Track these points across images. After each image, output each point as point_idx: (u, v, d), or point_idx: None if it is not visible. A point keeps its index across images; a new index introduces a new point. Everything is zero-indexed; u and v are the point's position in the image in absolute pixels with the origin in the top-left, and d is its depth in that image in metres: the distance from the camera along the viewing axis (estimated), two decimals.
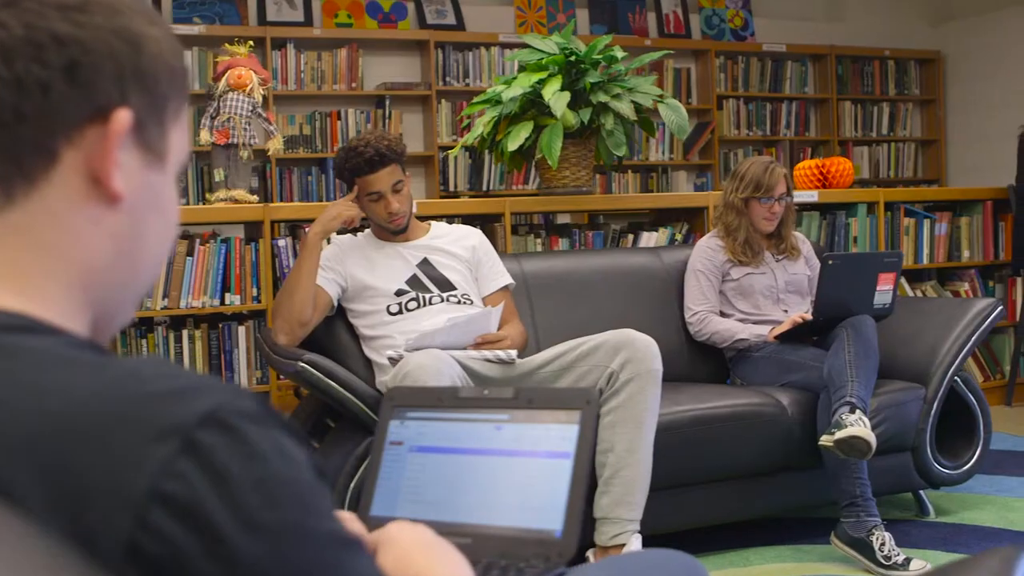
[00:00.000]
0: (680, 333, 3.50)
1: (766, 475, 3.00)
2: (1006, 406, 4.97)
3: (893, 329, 3.41)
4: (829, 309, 3.13)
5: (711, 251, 3.50)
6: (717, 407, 2.93)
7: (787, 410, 2.99)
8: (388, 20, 5.92)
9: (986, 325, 3.25)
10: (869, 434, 2.70)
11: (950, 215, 4.89)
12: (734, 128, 6.44)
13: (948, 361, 3.19)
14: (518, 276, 3.41)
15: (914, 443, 3.17)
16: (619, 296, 3.50)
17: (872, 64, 6.79)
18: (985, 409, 3.28)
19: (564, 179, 4.27)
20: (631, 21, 6.30)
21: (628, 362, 2.70)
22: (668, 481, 2.85)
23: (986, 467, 3.82)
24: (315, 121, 5.69)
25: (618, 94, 4.11)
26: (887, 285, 3.16)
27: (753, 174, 3.46)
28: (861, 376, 2.90)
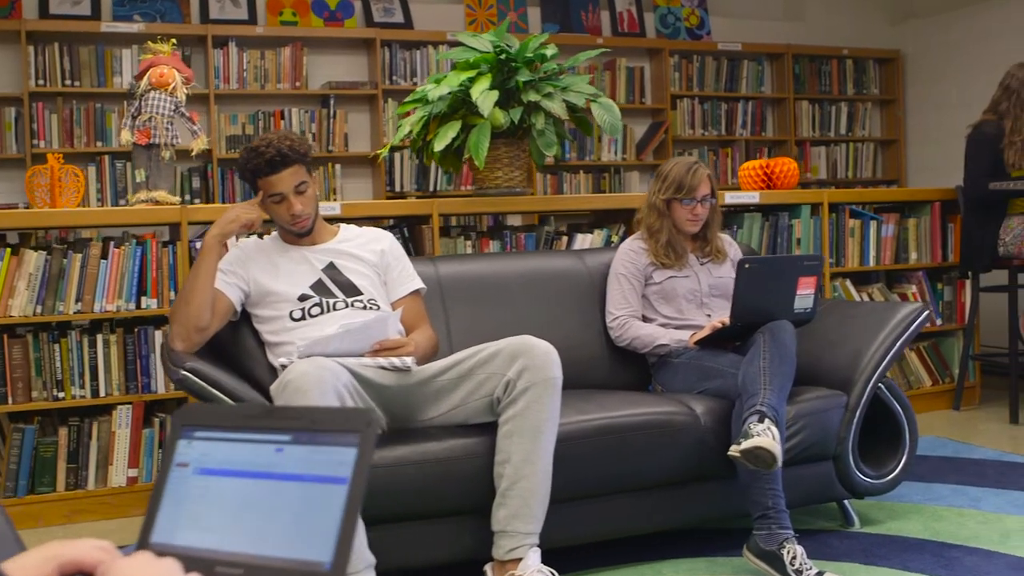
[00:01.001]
0: (601, 338, 3.41)
1: (679, 485, 2.90)
2: (954, 410, 4.89)
3: (820, 334, 3.32)
4: (747, 314, 3.04)
5: (633, 254, 3.41)
6: (624, 416, 2.83)
7: (700, 419, 2.90)
8: (334, 18, 5.81)
9: (911, 330, 3.16)
10: (774, 445, 2.61)
11: (897, 216, 4.81)
12: (688, 128, 6.35)
13: (871, 367, 3.10)
14: (432, 280, 3.32)
15: (836, 452, 3.07)
16: (538, 300, 3.40)
17: (830, 63, 6.70)
18: (911, 417, 3.19)
19: (497, 180, 4.18)
20: (584, 19, 6.20)
21: (525, 370, 2.61)
22: (574, 492, 2.76)
23: (923, 474, 3.75)
24: (258, 121, 5.58)
25: (550, 93, 4.02)
26: (808, 289, 3.07)
27: (675, 175, 3.37)
28: (774, 384, 2.80)
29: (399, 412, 2.77)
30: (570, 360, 3.31)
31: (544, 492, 2.59)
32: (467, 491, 2.64)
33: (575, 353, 3.35)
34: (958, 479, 3.70)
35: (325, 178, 5.68)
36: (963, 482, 3.66)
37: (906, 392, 4.75)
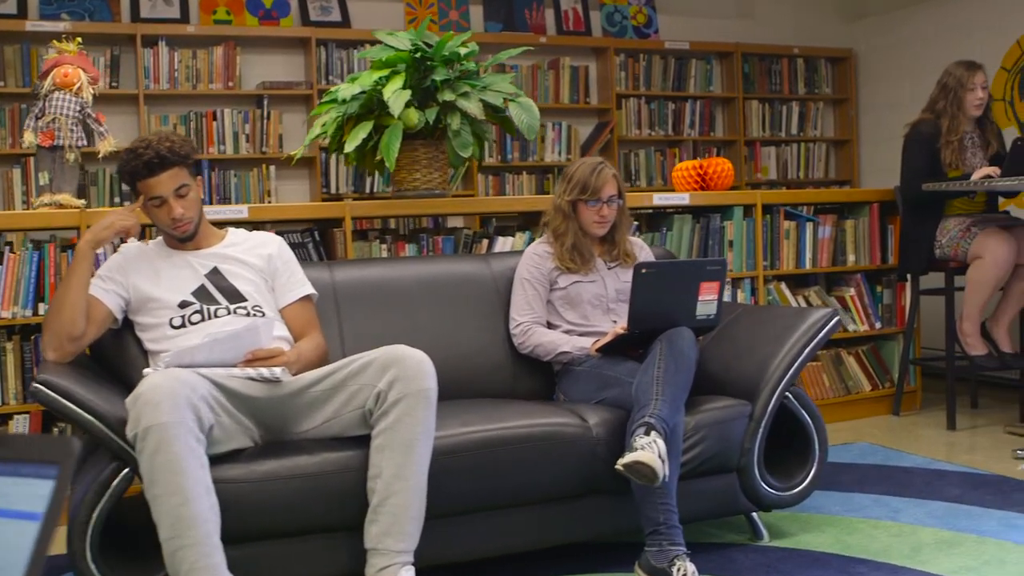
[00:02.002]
0: (505, 345, 3.30)
1: (570, 499, 2.78)
2: (893, 416, 4.78)
3: (730, 341, 3.22)
4: (645, 321, 2.93)
5: (538, 258, 3.30)
6: (509, 428, 2.71)
7: (593, 430, 2.78)
8: (270, 17, 5.69)
9: (820, 337, 3.05)
10: (654, 459, 2.49)
11: (835, 218, 4.70)
12: (635, 128, 6.23)
13: (777, 376, 2.98)
14: (328, 285, 3.20)
15: (740, 463, 2.96)
16: (438, 307, 3.29)
17: (781, 62, 6.59)
18: (820, 427, 3.08)
19: (415, 181, 4.06)
20: (528, 18, 6.08)
21: (397, 381, 2.49)
22: (455, 508, 2.65)
23: (847, 484, 3.64)
24: (190, 122, 5.45)
25: (466, 92, 3.90)
26: (710, 295, 2.95)
27: (580, 176, 3.26)
28: (667, 394, 2.69)
29: (273, 424, 2.65)
30: (471, 368, 3.24)
31: (417, 508, 2.48)
32: (340, 507, 2.53)
33: (476, 361, 3.25)
34: (882, 489, 3.59)
35: (259, 180, 5.56)
36: (887, 492, 3.55)
37: (844, 397, 4.68)
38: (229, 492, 2.42)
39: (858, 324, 4.72)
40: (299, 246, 3.82)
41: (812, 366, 4.65)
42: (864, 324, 4.73)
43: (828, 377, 4.69)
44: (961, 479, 3.69)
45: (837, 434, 4.46)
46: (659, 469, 2.49)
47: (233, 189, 5.52)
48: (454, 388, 3.16)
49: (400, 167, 4.06)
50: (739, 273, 4.44)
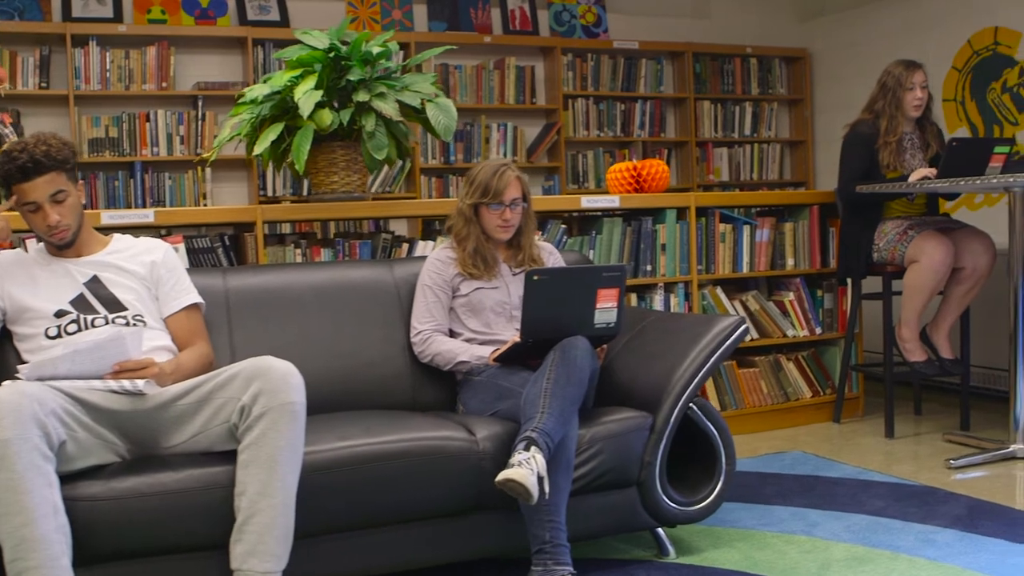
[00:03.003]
0: (406, 354, 3.18)
1: (455, 516, 2.67)
2: (834, 423, 4.67)
3: (639, 350, 3.11)
4: (539, 330, 2.81)
5: (440, 264, 3.19)
6: (389, 442, 2.59)
7: (479, 444, 2.66)
8: (206, 16, 5.57)
9: (726, 346, 2.93)
10: (526, 477, 2.38)
11: (773, 220, 4.59)
12: (583, 129, 6.12)
13: (681, 386, 2.87)
14: (220, 293, 3.09)
15: (640, 478, 2.84)
16: (337, 314, 3.17)
17: (733, 62, 6.48)
18: (727, 439, 2.96)
19: (333, 184, 3.95)
20: (473, 17, 5.97)
21: (261, 394, 2.38)
22: (331, 526, 2.54)
23: (769, 496, 3.54)
24: (122, 123, 5.33)
25: (382, 93, 3.78)
26: (609, 303, 2.84)
27: (482, 178, 3.15)
28: (554, 407, 2.58)
29: (141, 439, 2.53)
30: (369, 379, 3.13)
31: (284, 526, 2.36)
32: (206, 525, 2.41)
33: (375, 371, 3.14)
34: (805, 501, 3.48)
35: (194, 182, 5.44)
36: (809, 504, 3.44)
37: (783, 404, 4.57)
38: (86, 511, 2.31)
39: (798, 329, 4.61)
40: (208, 251, 3.70)
41: (749, 372, 4.54)
42: (804, 329, 4.62)
43: (766, 384, 4.57)
44: (888, 490, 3.58)
45: (772, 442, 4.35)
46: (532, 488, 2.38)
47: (167, 192, 5.40)
48: (351, 399, 3.07)
49: (318, 169, 3.96)
50: (672, 278, 4.33)
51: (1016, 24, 5.34)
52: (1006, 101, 5.42)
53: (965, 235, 4.32)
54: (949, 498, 3.47)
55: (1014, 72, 5.37)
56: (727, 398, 4.48)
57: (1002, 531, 3.09)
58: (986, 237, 4.31)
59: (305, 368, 3.02)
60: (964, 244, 4.27)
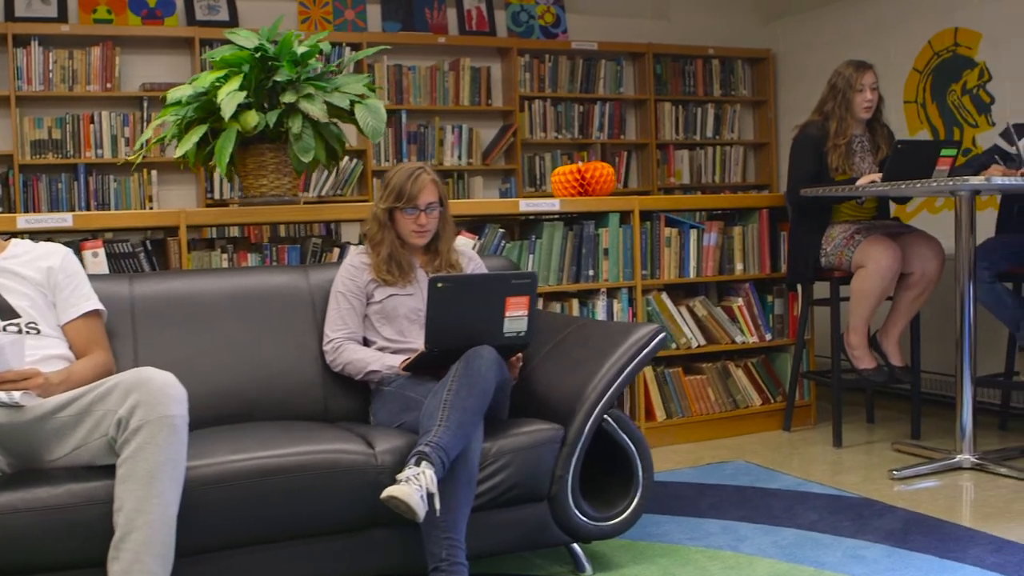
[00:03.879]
0: (318, 363, 3.08)
1: (355, 531, 2.56)
2: (784, 431, 4.57)
3: (559, 359, 3.01)
4: (444, 339, 2.72)
5: (354, 269, 3.09)
6: (284, 455, 2.48)
7: (377, 457, 2.56)
8: (153, 16, 5.47)
9: (643, 355, 2.83)
10: (409, 494, 2.28)
11: (721, 224, 4.49)
12: (540, 131, 6.02)
13: (594, 398, 2.77)
14: (125, 300, 2.99)
15: (551, 492, 2.74)
16: (248, 322, 3.07)
17: (695, 63, 6.38)
18: (644, 452, 2.86)
19: (262, 188, 3.85)
20: (428, 18, 5.87)
21: (138, 407, 2.27)
22: (224, 541, 2.44)
23: (703, 508, 3.45)
24: (66, 125, 5.23)
25: (310, 94, 3.68)
26: (519, 311, 2.74)
27: (396, 182, 3.06)
28: (452, 419, 2.48)
29: (21, 452, 2.43)
30: (279, 388, 3.03)
31: (162, 544, 2.26)
32: (85, 542, 2.30)
33: (285, 380, 3.05)
34: (738, 514, 3.38)
35: (140, 185, 5.34)
36: (742, 517, 3.34)
37: (732, 412, 4.48)
38: None
39: (747, 336, 4.51)
40: (129, 256, 3.60)
41: (696, 380, 4.45)
42: (753, 336, 4.52)
43: (714, 391, 4.48)
44: (825, 503, 3.48)
45: (718, 451, 4.25)
46: (415, 506, 2.28)
47: (112, 195, 5.30)
48: (259, 410, 2.98)
49: (247, 172, 3.87)
50: (616, 283, 4.23)
51: (976, 24, 5.25)
52: (966, 103, 5.33)
53: (914, 240, 4.22)
54: (886, 511, 3.37)
55: (974, 73, 5.28)
56: (673, 406, 4.38)
57: (933, 547, 2.99)
58: (935, 242, 4.22)
59: (212, 378, 2.97)
60: (913, 249, 4.18)
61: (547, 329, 3.23)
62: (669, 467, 4.02)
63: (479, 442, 2.58)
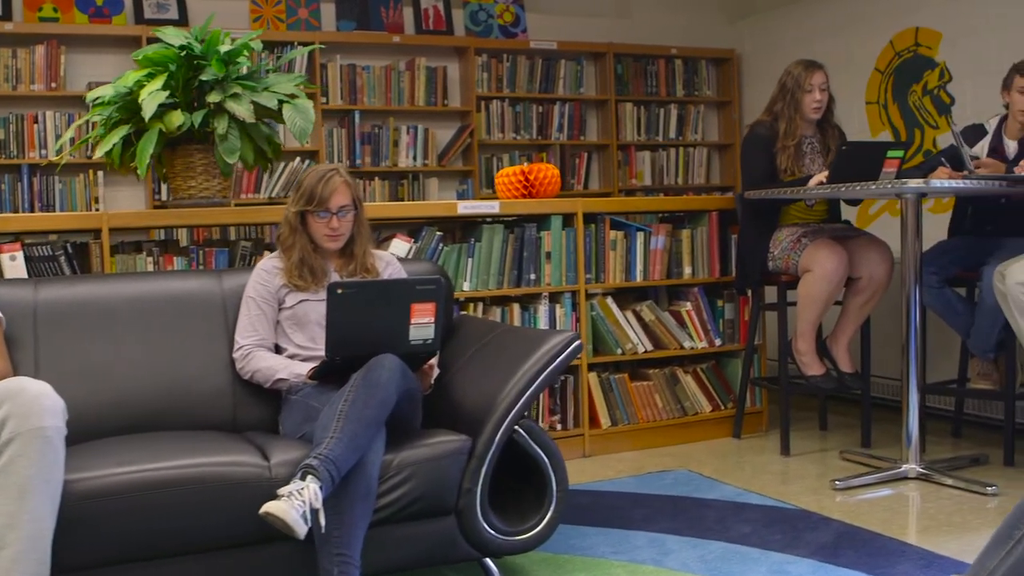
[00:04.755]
0: (229, 371, 2.99)
1: (248, 547, 2.46)
2: (734, 439, 4.48)
3: (474, 367, 2.92)
4: (347, 347, 2.62)
5: (266, 274, 3.00)
6: (172, 468, 2.39)
7: (272, 470, 2.46)
8: (101, 15, 5.37)
9: (556, 364, 2.73)
10: (286, 511, 2.19)
11: (669, 227, 4.39)
12: (498, 131, 5.92)
13: (504, 408, 2.67)
14: (27, 306, 2.89)
15: (459, 506, 2.65)
16: (157, 328, 2.97)
17: (657, 63, 6.28)
18: (557, 464, 2.76)
19: (190, 190, 3.76)
20: (384, 16, 5.77)
21: (9, 418, 2.18)
22: (110, 557, 2.34)
23: (635, 520, 3.36)
24: (9, 125, 5.13)
25: (236, 94, 3.59)
26: (425, 317, 2.65)
27: (307, 185, 2.96)
28: (346, 431, 2.38)
29: None
30: (187, 397, 2.94)
31: (36, 561, 2.16)
32: None
33: (193, 388, 2.95)
34: (670, 526, 3.28)
35: (86, 186, 5.24)
36: (673, 529, 3.24)
37: (680, 419, 4.39)
38: None
39: (695, 341, 4.42)
40: (49, 260, 3.51)
41: (643, 386, 4.35)
42: (703, 341, 4.43)
43: (661, 398, 4.38)
44: (760, 514, 3.38)
45: (663, 460, 4.16)
46: (293, 523, 2.18)
47: (58, 196, 5.20)
48: (166, 419, 2.88)
49: (175, 174, 3.78)
50: (559, 287, 4.13)
51: (937, 24, 5.16)
52: (927, 104, 5.23)
53: (862, 244, 4.13)
54: (820, 524, 3.28)
55: (934, 74, 5.18)
56: (618, 413, 4.29)
57: (862, 562, 2.90)
58: (884, 246, 4.12)
59: (117, 386, 2.88)
60: (861, 253, 4.09)
61: (469, 336, 3.15)
62: (610, 476, 3.93)
63: (378, 454, 2.48)
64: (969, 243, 4.09)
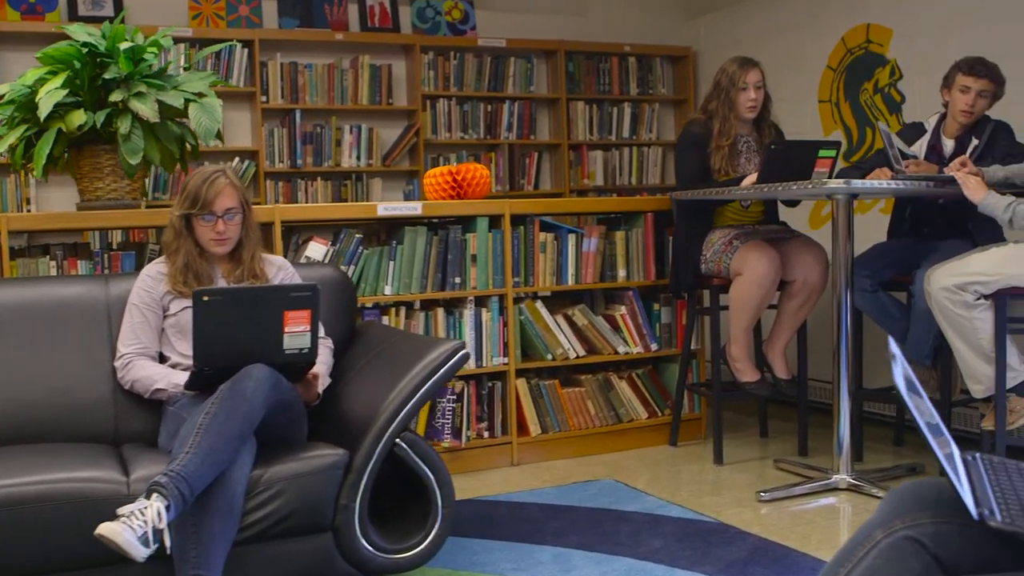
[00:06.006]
0: (111, 381, 2.89)
1: (104, 567, 2.35)
2: (671, 446, 4.36)
3: (362, 379, 2.81)
4: (216, 356, 2.51)
5: (151, 280, 2.88)
6: (23, 484, 2.29)
7: (130, 487, 2.35)
8: (34, 11, 5.25)
9: (440, 374, 2.64)
10: (118, 532, 2.07)
11: (603, 229, 4.27)
12: (445, 131, 5.80)
13: (384, 420, 2.56)
14: None
15: (335, 522, 2.53)
16: (34, 335, 2.85)
17: (610, 61, 6.15)
18: (442, 479, 2.65)
19: (98, 191, 3.65)
20: (328, 14, 5.65)
21: None
22: None
23: (546, 532, 3.23)
24: None
25: (141, 92, 3.47)
26: (300, 325, 2.53)
27: (191, 187, 2.85)
28: (203, 445, 2.27)
29: None
30: (65, 407, 2.84)
31: None
32: None
33: (72, 398, 2.85)
34: (579, 540, 3.16)
35: (16, 187, 5.13)
36: (582, 544, 3.12)
37: (614, 426, 4.27)
38: None
39: (630, 346, 4.29)
40: None
41: (574, 392, 4.23)
42: (638, 346, 4.31)
43: (594, 404, 4.26)
44: (676, 528, 3.26)
45: (592, 468, 4.04)
46: (126, 546, 2.07)
47: None
48: (46, 429, 2.79)
49: (83, 175, 3.67)
50: (485, 291, 4.02)
51: (888, 20, 5.04)
52: (878, 102, 5.11)
53: (796, 246, 4.01)
54: (736, 538, 3.15)
55: (885, 71, 5.06)
56: (549, 420, 4.17)
57: None
58: (818, 248, 4.01)
59: None
60: (795, 256, 3.97)
61: (367, 344, 3.04)
62: (534, 486, 3.81)
63: (244, 469, 2.37)
64: (906, 246, 3.97)
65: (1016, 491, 1.45)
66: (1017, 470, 1.56)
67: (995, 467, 1.56)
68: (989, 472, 1.52)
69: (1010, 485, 1.47)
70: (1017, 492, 1.45)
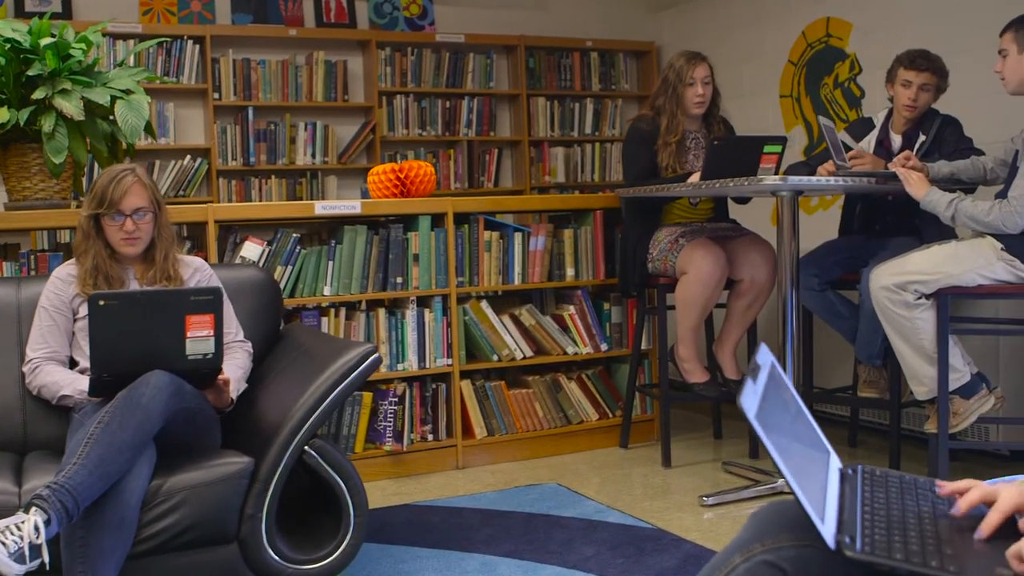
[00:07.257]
0: (20, 386, 2.79)
1: None
2: (621, 448, 4.28)
3: (281, 382, 2.72)
4: (114, 363, 2.42)
5: (61, 283, 2.79)
6: None
7: (22, 498, 2.27)
8: None
9: (350, 380, 2.55)
10: None
11: (550, 228, 4.19)
12: (402, 128, 5.72)
13: (291, 427, 2.48)
14: None
15: (240, 533, 2.45)
16: None
17: (571, 56, 6.07)
18: (354, 487, 2.56)
19: (25, 191, 3.56)
20: (283, 9, 5.57)
21: None
22: None
23: (478, 540, 3.15)
24: None
25: (65, 90, 3.38)
26: (203, 330, 2.45)
27: (98, 187, 2.76)
28: (92, 456, 2.18)
29: None
30: None
31: None
32: None
33: None
34: (511, 547, 3.08)
35: None
36: (512, 552, 3.04)
37: (563, 428, 4.20)
38: None
39: (579, 346, 4.21)
40: None
41: (521, 393, 4.15)
42: (587, 346, 4.23)
43: (542, 406, 4.18)
44: (611, 535, 3.18)
45: (538, 472, 3.96)
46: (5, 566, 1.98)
47: None
48: None
49: (10, 174, 3.58)
50: (427, 291, 3.93)
51: (847, 14, 4.96)
52: (838, 97, 5.03)
53: (744, 245, 3.93)
54: (672, 545, 3.08)
55: (845, 66, 4.98)
56: (495, 422, 4.09)
57: None
58: (766, 246, 3.93)
59: None
60: (742, 254, 3.89)
61: (287, 348, 2.96)
62: (476, 490, 3.73)
63: (139, 480, 2.28)
64: (856, 243, 3.89)
65: (889, 509, 1.37)
66: (899, 484, 1.47)
67: (874, 481, 1.47)
68: (866, 488, 1.44)
69: (884, 503, 1.39)
70: (890, 511, 1.36)
